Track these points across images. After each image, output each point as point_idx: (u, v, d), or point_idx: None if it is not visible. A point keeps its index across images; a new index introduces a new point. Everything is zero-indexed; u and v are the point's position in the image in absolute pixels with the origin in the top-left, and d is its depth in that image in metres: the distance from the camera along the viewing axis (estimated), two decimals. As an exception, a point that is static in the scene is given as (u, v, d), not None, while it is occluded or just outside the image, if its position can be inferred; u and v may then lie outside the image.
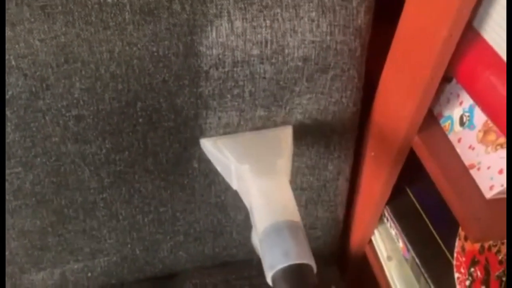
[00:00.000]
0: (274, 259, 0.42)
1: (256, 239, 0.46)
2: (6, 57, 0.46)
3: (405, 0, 0.56)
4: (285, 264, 0.41)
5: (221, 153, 0.56)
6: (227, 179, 0.57)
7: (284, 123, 0.59)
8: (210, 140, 0.57)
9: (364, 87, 0.63)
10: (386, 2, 0.59)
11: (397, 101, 0.61)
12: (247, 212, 0.68)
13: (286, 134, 0.59)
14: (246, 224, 0.69)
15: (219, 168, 0.58)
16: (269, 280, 0.43)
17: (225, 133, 0.58)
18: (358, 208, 0.75)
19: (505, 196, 0.53)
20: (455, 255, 0.64)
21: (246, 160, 0.53)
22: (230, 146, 0.56)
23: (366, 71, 0.61)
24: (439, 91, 0.58)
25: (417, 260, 0.67)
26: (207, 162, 0.59)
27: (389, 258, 0.73)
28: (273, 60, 0.54)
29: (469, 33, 0.52)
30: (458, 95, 0.59)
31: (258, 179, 0.51)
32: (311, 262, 0.43)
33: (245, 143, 0.57)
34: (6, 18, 0.45)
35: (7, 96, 0.49)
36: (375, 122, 0.66)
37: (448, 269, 0.63)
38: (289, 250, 0.42)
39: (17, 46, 0.46)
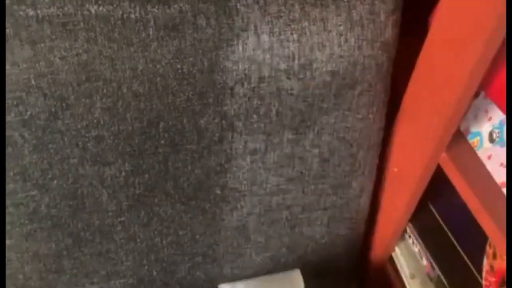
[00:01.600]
0: None
1: None
2: (26, 76, 0.44)
3: (436, 14, 0.54)
4: None
5: None
6: None
7: (312, 146, 0.57)
8: (228, 285, 0.63)
9: (388, 101, 0.61)
10: (410, 15, 0.58)
11: (423, 118, 0.59)
12: (268, 234, 0.66)
13: (296, 277, 0.64)
14: (266, 245, 0.67)
15: None
16: None
17: (252, 161, 0.56)
18: (380, 224, 0.73)
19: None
20: (483, 274, 0.62)
21: None
22: None
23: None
24: (467, 106, 0.57)
25: (443, 279, 0.65)
26: (230, 189, 0.57)
27: (412, 275, 0.71)
28: (301, 75, 0.52)
29: (503, 50, 0.50)
30: (486, 111, 0.57)
31: None
32: None
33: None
34: (27, 36, 0.43)
35: (25, 117, 0.46)
36: (399, 137, 0.64)
37: (477, 288, 0.61)
38: None
39: (37, 65, 0.44)
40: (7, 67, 0.44)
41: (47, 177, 0.51)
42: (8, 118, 0.46)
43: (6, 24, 0.43)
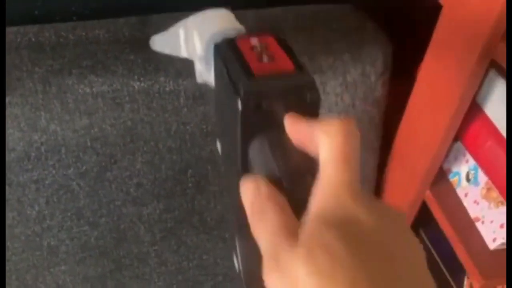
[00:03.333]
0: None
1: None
2: (83, 139, 0.56)
3: (420, 71, 0.63)
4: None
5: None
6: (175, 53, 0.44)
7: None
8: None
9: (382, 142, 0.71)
10: (402, 58, 0.67)
11: (410, 158, 0.69)
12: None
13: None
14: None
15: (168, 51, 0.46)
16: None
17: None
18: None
19: (505, 247, 0.61)
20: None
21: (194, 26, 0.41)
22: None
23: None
24: (448, 149, 0.67)
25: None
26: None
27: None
28: (303, 130, 0.63)
29: (474, 107, 0.60)
30: (464, 154, 0.67)
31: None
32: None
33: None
34: (85, 109, 0.55)
35: (81, 170, 0.58)
36: (391, 175, 0.74)
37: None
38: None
39: (92, 131, 0.55)
40: (69, 133, 0.55)
41: (97, 215, 0.62)
42: (68, 171, 0.57)
43: (68, 100, 0.54)
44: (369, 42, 0.64)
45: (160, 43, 0.48)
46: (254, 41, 0.33)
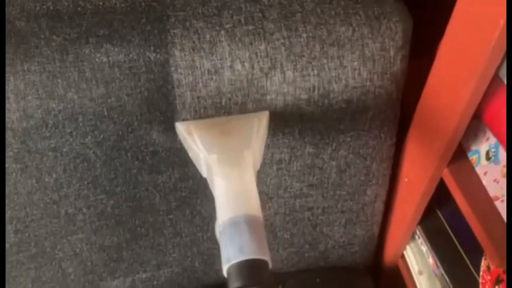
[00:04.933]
0: (230, 253, 0.43)
1: (218, 230, 0.47)
2: (100, 108, 0.56)
3: (440, 46, 0.62)
4: (240, 259, 0.42)
5: (193, 139, 0.55)
6: (197, 166, 0.56)
7: (330, 158, 0.67)
8: (184, 124, 0.57)
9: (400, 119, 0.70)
10: (421, 38, 0.66)
11: (428, 136, 0.68)
12: (292, 232, 0.77)
13: (261, 120, 0.57)
14: (291, 242, 0.77)
15: (190, 154, 0.57)
16: (224, 273, 0.44)
17: (277, 169, 0.67)
18: (392, 227, 0.82)
19: (525, 226, 0.60)
20: (481, 273, 0.70)
21: (215, 149, 0.52)
22: (201, 133, 0.55)
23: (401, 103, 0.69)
24: (468, 127, 0.65)
25: (445, 277, 0.74)
26: (260, 193, 0.68)
27: (420, 272, 0.80)
28: (320, 104, 0.62)
29: (495, 82, 0.58)
30: (485, 132, 0.65)
31: (224, 170, 0.50)
32: (266, 258, 0.43)
33: (217, 129, 0.56)
34: (100, 78, 0.55)
35: (98, 139, 0.58)
36: (409, 152, 0.73)
37: (473, 285, 0.70)
38: (244, 245, 0.43)
39: (109, 100, 0.56)
40: (86, 101, 0.56)
41: (113, 184, 0.63)
42: (85, 140, 0.58)
43: (85, 69, 0.55)
44: (389, 15, 0.62)
45: (184, 139, 0.57)
46: None
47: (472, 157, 0.67)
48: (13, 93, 0.54)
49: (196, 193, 0.67)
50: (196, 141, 0.54)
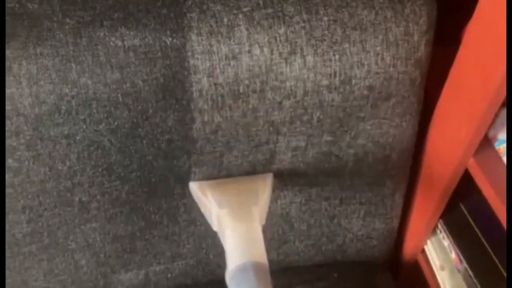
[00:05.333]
0: None
1: (228, 277, 0.53)
2: (114, 94, 0.55)
3: (468, 29, 0.60)
4: None
5: (205, 196, 0.63)
6: (209, 221, 0.63)
7: (348, 147, 0.65)
8: (197, 184, 0.65)
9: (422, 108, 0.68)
10: (444, 27, 0.63)
11: (453, 124, 0.65)
12: (309, 223, 0.75)
13: (266, 181, 0.65)
14: (308, 233, 0.75)
15: (202, 210, 0.65)
16: None
17: (292, 156, 0.64)
18: (412, 220, 0.80)
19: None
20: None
21: (226, 205, 0.60)
22: (213, 190, 0.63)
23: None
24: (495, 115, 0.62)
25: (470, 272, 0.71)
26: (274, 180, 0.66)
27: (441, 267, 0.78)
28: (341, 90, 0.60)
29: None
30: (512, 120, 0.63)
31: (233, 223, 0.58)
32: None
33: (228, 188, 0.64)
34: (116, 62, 0.53)
35: (113, 126, 0.57)
36: (432, 142, 0.71)
37: (500, 282, 0.67)
38: None
39: (124, 85, 0.54)
40: (100, 87, 0.54)
41: (128, 170, 0.62)
42: (99, 127, 0.57)
43: (99, 53, 0.53)
44: (413, -2, 0.60)
45: (197, 197, 0.65)
46: None
47: (499, 147, 0.65)
48: (25, 78, 0.52)
49: (209, 178, 0.65)
50: (209, 197, 0.62)
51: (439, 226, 0.78)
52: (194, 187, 0.65)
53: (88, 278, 0.72)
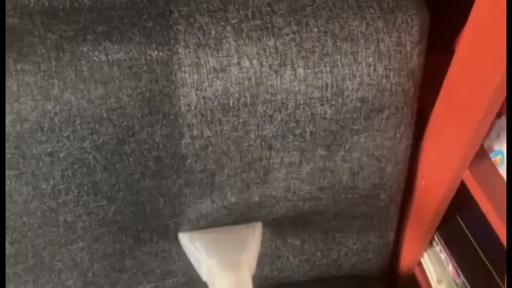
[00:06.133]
0: None
1: None
2: (99, 110, 0.53)
3: (461, 40, 0.58)
4: None
5: (194, 247, 0.63)
6: (198, 272, 0.63)
7: (343, 161, 0.63)
8: (187, 235, 0.65)
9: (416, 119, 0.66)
10: (438, 34, 0.62)
11: (448, 135, 0.64)
12: (303, 238, 0.73)
13: (255, 230, 0.66)
14: (301, 248, 0.74)
15: (192, 261, 0.65)
16: None
17: (287, 172, 0.63)
18: (408, 233, 0.78)
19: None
20: (506, 282, 0.66)
21: (215, 255, 0.61)
22: (202, 241, 0.63)
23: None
24: (491, 125, 0.61)
25: (467, 285, 0.70)
26: (267, 197, 0.64)
27: (439, 281, 0.76)
28: (333, 102, 0.58)
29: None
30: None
31: (222, 273, 0.59)
32: None
33: (216, 238, 0.65)
34: (99, 77, 0.52)
35: (97, 143, 0.55)
36: (426, 153, 0.69)
37: (498, 295, 0.66)
38: None
39: (108, 101, 0.52)
40: (84, 103, 0.52)
41: (114, 190, 0.60)
42: (84, 144, 0.55)
43: (83, 68, 0.51)
44: (404, 8, 0.58)
45: (186, 247, 0.65)
46: None
47: (495, 158, 0.63)
48: (6, 95, 0.50)
49: (201, 198, 0.64)
50: (197, 247, 0.63)
51: (436, 238, 0.77)
52: (183, 238, 0.65)
53: (75, 299, 0.70)
